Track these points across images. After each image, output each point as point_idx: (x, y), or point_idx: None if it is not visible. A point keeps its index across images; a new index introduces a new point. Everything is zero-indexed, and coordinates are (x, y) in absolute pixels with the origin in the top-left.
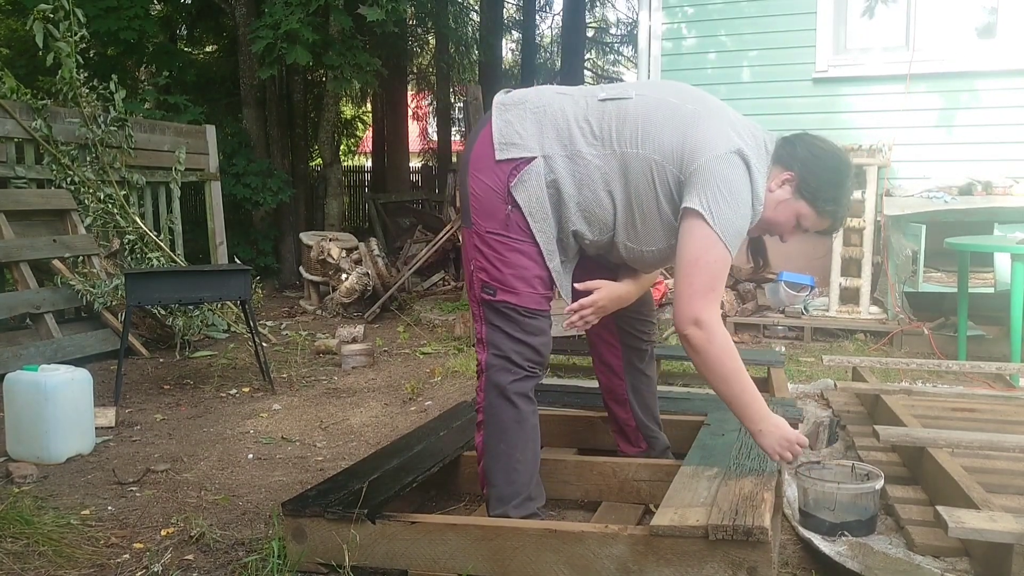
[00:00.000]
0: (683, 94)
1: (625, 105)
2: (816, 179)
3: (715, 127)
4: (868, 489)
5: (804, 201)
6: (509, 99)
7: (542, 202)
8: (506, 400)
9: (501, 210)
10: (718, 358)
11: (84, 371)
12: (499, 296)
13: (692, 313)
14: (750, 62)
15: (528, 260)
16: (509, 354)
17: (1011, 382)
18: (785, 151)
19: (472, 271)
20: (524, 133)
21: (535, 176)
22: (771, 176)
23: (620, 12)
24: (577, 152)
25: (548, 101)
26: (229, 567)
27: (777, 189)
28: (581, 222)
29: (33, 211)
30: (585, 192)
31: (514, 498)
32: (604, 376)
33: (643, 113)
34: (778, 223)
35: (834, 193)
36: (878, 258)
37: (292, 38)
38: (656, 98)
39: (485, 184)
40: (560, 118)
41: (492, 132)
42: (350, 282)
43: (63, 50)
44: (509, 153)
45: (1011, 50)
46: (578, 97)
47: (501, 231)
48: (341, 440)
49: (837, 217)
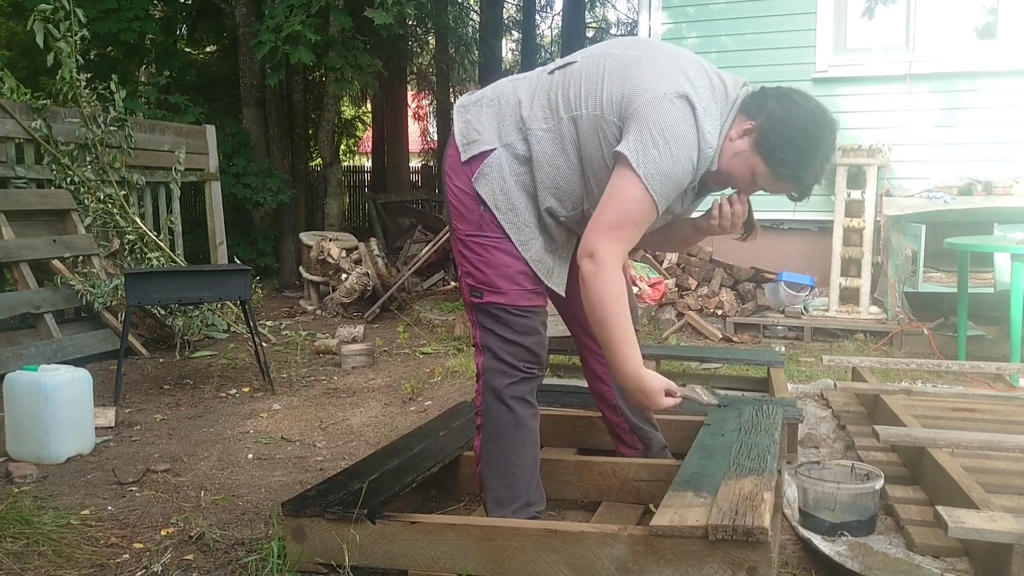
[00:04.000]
0: (627, 44)
1: (571, 69)
2: (777, 136)
3: (657, 70)
4: (868, 489)
5: (760, 157)
6: (467, 99)
7: (506, 191)
8: (502, 404)
9: (475, 211)
10: (599, 297)
11: (84, 371)
12: (486, 298)
13: (590, 245)
14: (750, 62)
15: (508, 257)
16: (504, 356)
17: (1011, 382)
18: (755, 101)
19: (460, 276)
20: (482, 128)
21: (495, 167)
22: (734, 123)
23: (620, 12)
24: (530, 130)
25: (502, 91)
26: (229, 567)
27: (737, 139)
28: (551, 199)
29: (33, 211)
30: (546, 168)
31: (512, 503)
32: (592, 382)
33: (586, 72)
34: (732, 175)
35: (796, 157)
36: (878, 258)
37: (294, 40)
38: (598, 54)
39: (458, 187)
40: (513, 103)
41: (455, 135)
42: (350, 282)
43: (63, 50)
44: (471, 151)
45: (1011, 50)
46: (531, 77)
47: (477, 232)
48: (341, 440)
49: (800, 183)
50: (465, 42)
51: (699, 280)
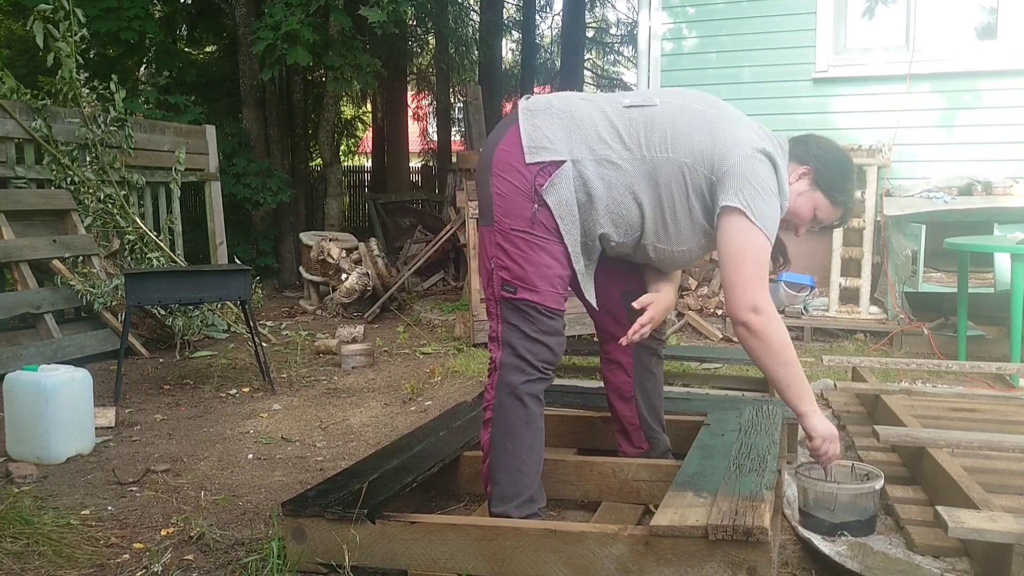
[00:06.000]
0: (705, 101)
1: (652, 112)
2: (829, 172)
3: (740, 129)
4: (868, 489)
5: (820, 192)
6: (535, 104)
7: (570, 205)
8: (517, 400)
9: (527, 208)
10: (779, 342)
11: (84, 371)
12: (520, 294)
13: (749, 300)
14: (750, 62)
15: (552, 259)
16: (524, 354)
17: (1011, 382)
18: (799, 148)
19: (492, 269)
20: (553, 137)
21: (565, 180)
22: (789, 171)
23: (620, 12)
24: (605, 157)
25: (575, 107)
26: (229, 567)
27: (796, 182)
28: (609, 224)
29: (33, 211)
30: (614, 195)
31: (516, 498)
32: (612, 373)
33: (670, 119)
34: (798, 214)
35: (844, 185)
36: (878, 258)
37: (292, 39)
38: (680, 104)
39: (511, 184)
40: (588, 123)
41: (520, 135)
42: (350, 282)
43: (63, 50)
44: (539, 156)
45: (1011, 50)
46: (603, 103)
47: (527, 229)
48: (341, 440)
49: (848, 208)
50: (465, 42)
51: (699, 280)
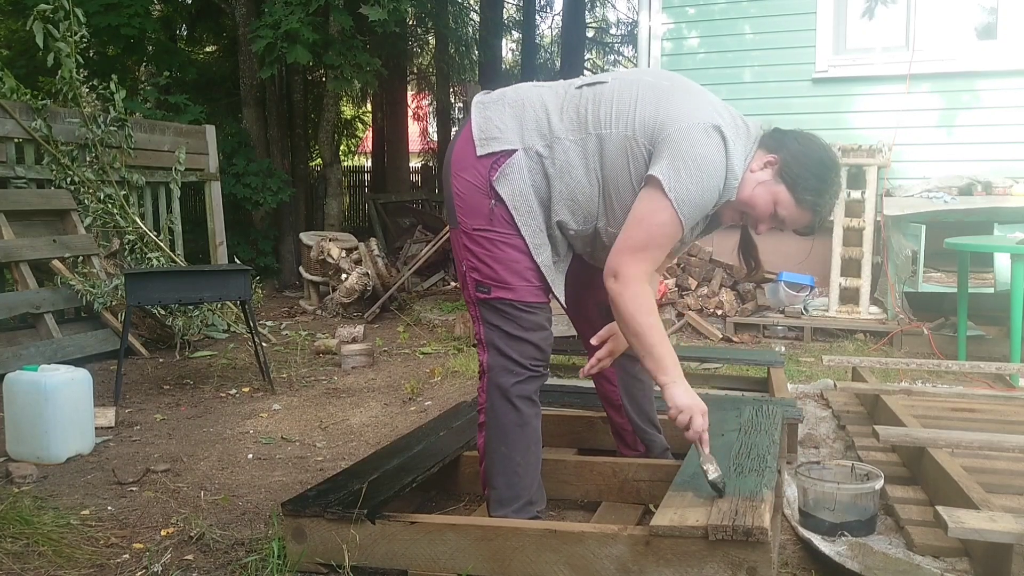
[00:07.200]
0: (660, 74)
1: (601, 88)
2: (799, 166)
3: (691, 101)
4: (868, 489)
5: (784, 186)
6: (487, 97)
7: (525, 195)
8: (508, 403)
9: (485, 205)
10: (630, 312)
11: (84, 371)
12: (494, 293)
13: (614, 266)
14: (750, 62)
15: (518, 253)
16: (510, 354)
17: (1011, 382)
18: (773, 138)
19: (464, 272)
20: (503, 127)
21: (516, 169)
22: (754, 157)
23: (620, 12)
24: (556, 140)
25: (526, 94)
26: (229, 567)
27: (758, 171)
28: (565, 211)
29: (33, 211)
30: (566, 179)
31: (515, 502)
32: (599, 383)
33: (618, 93)
34: (755, 205)
35: (816, 185)
36: (878, 258)
37: (292, 38)
38: (631, 79)
39: (468, 181)
40: (539, 109)
41: (472, 129)
42: (350, 282)
43: (63, 50)
44: (490, 147)
45: (1011, 50)
46: (557, 88)
47: (487, 226)
48: (341, 440)
49: (817, 212)
50: (465, 42)
51: (699, 280)
